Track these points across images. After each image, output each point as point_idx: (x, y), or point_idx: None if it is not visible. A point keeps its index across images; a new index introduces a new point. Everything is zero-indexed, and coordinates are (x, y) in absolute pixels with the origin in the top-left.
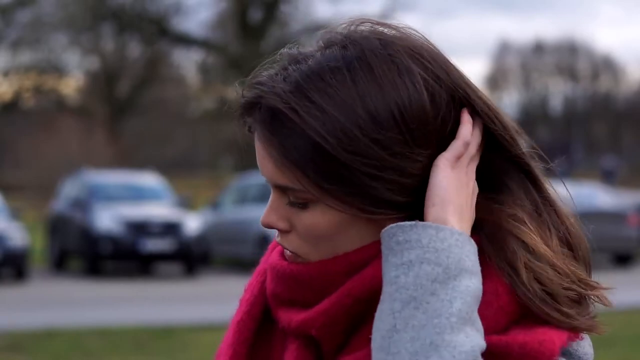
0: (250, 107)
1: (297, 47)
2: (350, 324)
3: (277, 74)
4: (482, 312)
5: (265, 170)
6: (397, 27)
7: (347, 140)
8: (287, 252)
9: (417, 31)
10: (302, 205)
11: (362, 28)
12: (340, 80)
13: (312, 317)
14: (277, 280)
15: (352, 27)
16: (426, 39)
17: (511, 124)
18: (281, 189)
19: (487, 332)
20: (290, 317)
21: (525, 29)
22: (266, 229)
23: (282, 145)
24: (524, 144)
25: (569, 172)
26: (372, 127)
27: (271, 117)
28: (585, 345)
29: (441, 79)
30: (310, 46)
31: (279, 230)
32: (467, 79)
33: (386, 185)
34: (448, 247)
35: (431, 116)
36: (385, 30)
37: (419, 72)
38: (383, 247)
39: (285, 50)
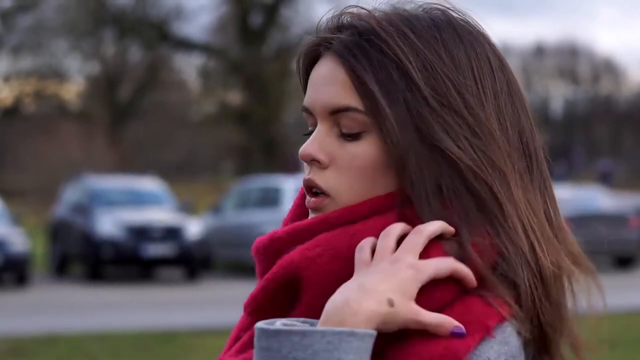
0: (340, 26)
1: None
2: (279, 310)
3: (367, 10)
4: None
5: (325, 95)
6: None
7: (426, 72)
8: (310, 199)
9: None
10: (354, 136)
11: (441, 4)
12: (427, 27)
13: (248, 301)
14: (255, 256)
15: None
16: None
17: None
18: (333, 118)
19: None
20: None
21: (524, 31)
22: (304, 160)
23: (367, 62)
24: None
25: (569, 175)
26: (452, 69)
27: (361, 36)
28: (493, 346)
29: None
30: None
31: (316, 162)
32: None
33: (444, 126)
34: (312, 355)
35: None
36: (461, 14)
37: (490, 52)
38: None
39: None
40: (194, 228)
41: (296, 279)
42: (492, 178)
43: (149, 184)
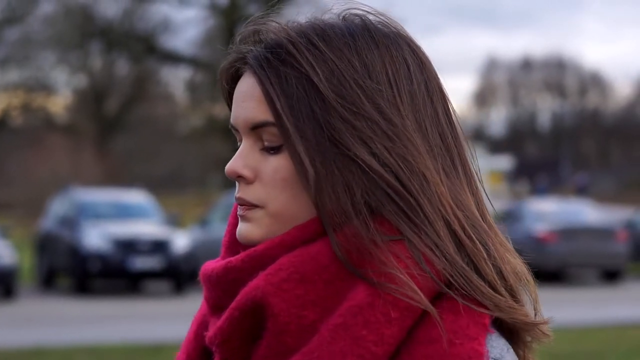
0: (251, 39)
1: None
2: (247, 339)
3: (278, 22)
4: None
5: (245, 112)
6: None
7: (334, 81)
8: (241, 212)
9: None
10: (275, 149)
11: (359, 10)
12: (340, 35)
13: (213, 333)
14: (205, 284)
15: (347, 8)
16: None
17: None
18: (255, 133)
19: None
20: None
21: (510, 45)
22: (230, 177)
23: (274, 76)
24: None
25: (552, 189)
26: (364, 76)
27: (270, 50)
28: (495, 339)
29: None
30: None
31: (242, 179)
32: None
33: (355, 133)
34: None
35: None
36: (383, 17)
37: (409, 53)
38: None
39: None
40: (181, 241)
41: (262, 306)
42: (411, 182)
43: (137, 197)
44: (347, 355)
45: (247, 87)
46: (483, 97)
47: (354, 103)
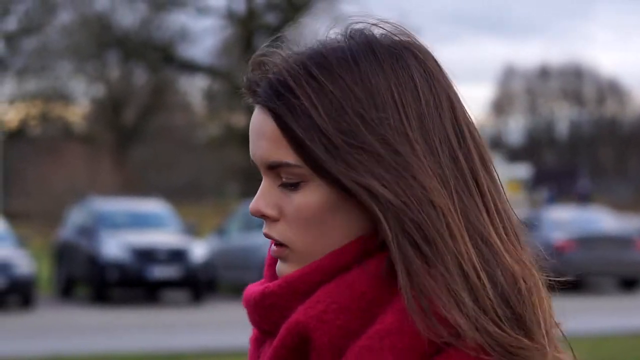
0: (257, 70)
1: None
2: None
3: (281, 54)
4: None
5: (260, 151)
6: (403, 28)
7: (335, 115)
8: (274, 248)
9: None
10: (294, 186)
11: (365, 23)
12: (342, 61)
13: None
14: (246, 308)
15: (355, 22)
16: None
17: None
18: (273, 171)
19: None
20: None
21: (521, 53)
22: (255, 217)
23: (281, 116)
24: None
25: (557, 199)
26: (366, 104)
27: (274, 88)
28: None
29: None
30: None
31: (267, 217)
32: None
33: (362, 167)
34: None
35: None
36: (390, 27)
37: (416, 68)
38: None
39: (287, 36)
40: (199, 250)
41: (304, 340)
42: (421, 214)
43: (154, 207)
44: None
45: (259, 124)
46: (501, 106)
47: (355, 137)
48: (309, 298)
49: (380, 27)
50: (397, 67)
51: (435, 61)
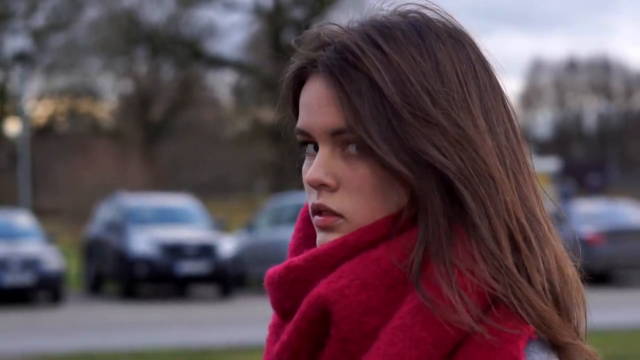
0: (321, 45)
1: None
2: (312, 350)
3: (341, 26)
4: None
5: (322, 117)
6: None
7: (402, 86)
8: (320, 218)
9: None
10: (358, 154)
11: (415, 3)
12: (408, 35)
13: (280, 348)
14: (268, 287)
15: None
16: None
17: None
18: (335, 138)
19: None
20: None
21: (546, 47)
22: (312, 186)
23: (349, 81)
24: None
25: (575, 194)
26: (433, 78)
27: (342, 55)
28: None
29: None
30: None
31: (325, 187)
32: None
33: (426, 139)
34: None
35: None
36: (441, 11)
37: (472, 50)
38: None
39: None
40: (227, 246)
41: (325, 314)
42: (480, 188)
43: (183, 202)
44: (405, 357)
45: (322, 92)
46: (529, 99)
47: (421, 109)
48: (333, 272)
49: (431, 10)
50: (457, 47)
51: (484, 49)
